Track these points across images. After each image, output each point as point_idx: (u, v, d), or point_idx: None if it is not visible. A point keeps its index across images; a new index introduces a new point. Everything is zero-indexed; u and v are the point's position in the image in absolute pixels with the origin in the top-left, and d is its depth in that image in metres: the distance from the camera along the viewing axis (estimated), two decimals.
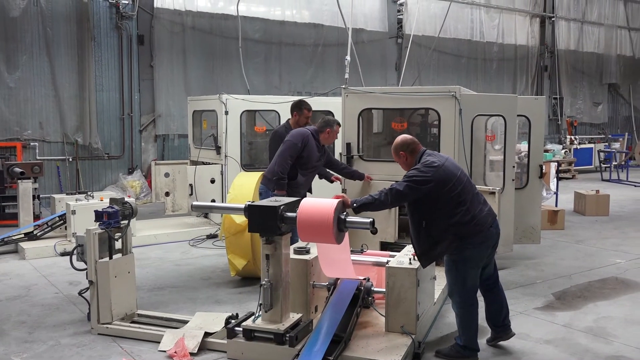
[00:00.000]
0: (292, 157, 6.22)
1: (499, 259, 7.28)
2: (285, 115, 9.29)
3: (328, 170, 6.87)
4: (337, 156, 8.95)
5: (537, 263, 7.64)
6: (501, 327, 4.82)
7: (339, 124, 6.61)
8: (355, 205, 4.31)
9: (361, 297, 4.73)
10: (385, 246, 6.86)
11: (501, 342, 4.86)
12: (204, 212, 9.45)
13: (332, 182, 7.00)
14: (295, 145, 6.23)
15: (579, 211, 11.38)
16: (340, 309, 4.51)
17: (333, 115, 9.65)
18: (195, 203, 4.83)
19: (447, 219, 4.34)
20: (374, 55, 16.20)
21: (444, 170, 4.37)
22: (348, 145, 6.98)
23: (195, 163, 9.76)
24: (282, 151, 6.25)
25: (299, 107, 6.98)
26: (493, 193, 6.46)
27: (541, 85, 20.62)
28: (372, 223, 4.20)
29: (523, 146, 9.18)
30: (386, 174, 6.88)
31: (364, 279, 4.87)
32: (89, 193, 8.60)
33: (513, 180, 7.11)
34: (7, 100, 11.55)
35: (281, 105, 9.42)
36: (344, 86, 7.08)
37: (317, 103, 9.44)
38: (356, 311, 4.64)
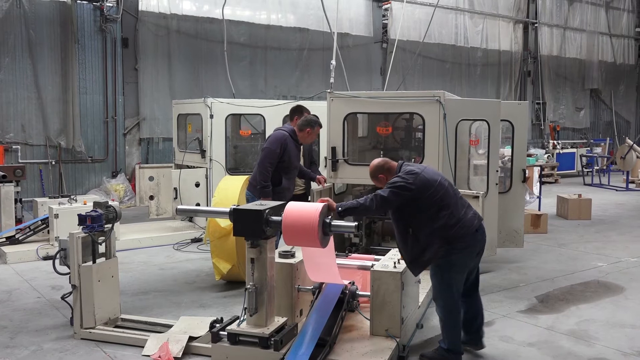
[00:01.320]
0: (272, 164, 6.21)
1: (482, 263, 7.33)
2: (271, 119, 9.31)
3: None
4: (322, 160, 9.00)
5: (521, 266, 7.71)
6: (473, 335, 4.82)
7: (320, 125, 6.60)
8: (340, 209, 4.34)
9: (346, 301, 4.74)
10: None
11: (485, 345, 4.87)
12: (189, 215, 9.41)
13: (317, 183, 6.92)
14: (274, 152, 6.22)
15: (562, 215, 11.49)
16: (325, 313, 4.52)
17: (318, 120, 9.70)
18: (179, 207, 4.81)
19: (432, 223, 4.38)
20: (359, 60, 16.26)
21: (424, 176, 4.44)
22: (333, 149, 6.99)
23: (179, 167, 9.72)
24: (261, 160, 6.23)
25: (300, 111, 7.02)
26: (477, 197, 6.51)
27: (524, 91, 20.82)
28: (357, 227, 4.22)
29: (506, 150, 9.24)
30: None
31: (349, 282, 4.88)
32: (72, 197, 8.53)
33: (496, 184, 7.16)
34: None
35: (266, 109, 9.42)
36: (329, 90, 7.10)
37: None
38: (341, 315, 4.65)
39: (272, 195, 6.17)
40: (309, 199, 7.29)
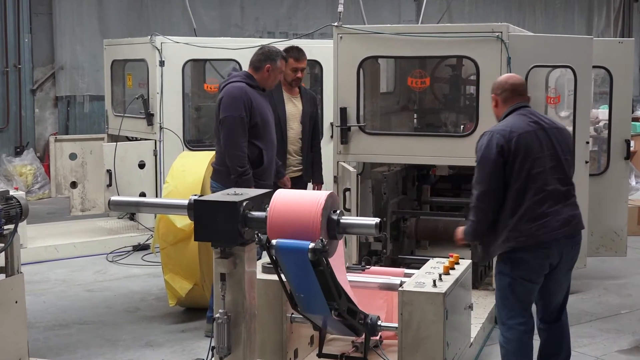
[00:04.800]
0: (245, 135, 6.12)
1: None
2: None
3: None
4: (327, 126, 8.98)
5: (623, 285, 7.72)
6: None
7: (284, 57, 6.48)
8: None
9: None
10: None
11: None
12: (129, 211, 9.41)
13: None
14: (239, 119, 6.05)
15: None
16: None
17: (321, 68, 9.66)
18: (114, 198, 4.79)
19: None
20: None
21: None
22: (343, 112, 6.96)
23: (115, 138, 9.71)
24: (227, 136, 6.05)
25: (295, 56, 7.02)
26: None
27: (629, 23, 20.70)
28: (379, 226, 4.19)
29: (602, 112, 9.20)
30: (398, 154, 6.88)
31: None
32: None
33: (587, 162, 7.13)
34: None
35: (244, 53, 9.35)
36: (336, 24, 7.06)
37: None
38: None
39: (253, 183, 6.15)
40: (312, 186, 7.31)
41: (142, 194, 9.01)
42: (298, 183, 7.11)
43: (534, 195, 4.67)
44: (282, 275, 4.24)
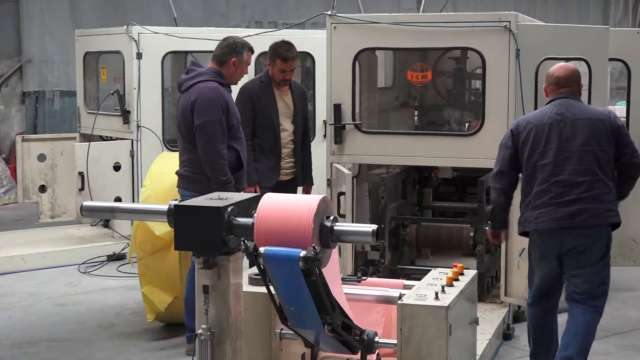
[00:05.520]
0: (224, 141, 6.10)
1: None
2: None
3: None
4: (319, 125, 8.97)
5: None
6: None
7: (250, 48, 6.45)
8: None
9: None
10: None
11: None
12: (103, 217, 9.40)
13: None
14: (218, 124, 5.99)
15: None
16: None
17: (314, 60, 9.66)
18: (87, 203, 4.78)
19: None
20: None
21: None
22: (337, 109, 6.96)
23: (88, 138, 9.69)
24: (208, 143, 5.96)
25: (281, 55, 7.02)
26: None
27: None
28: (377, 233, 4.19)
29: (619, 109, 9.22)
30: (397, 154, 6.88)
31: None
32: None
33: None
34: None
35: None
36: (329, 12, 7.06)
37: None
38: None
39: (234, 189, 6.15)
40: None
41: (118, 199, 9.01)
42: (289, 187, 7.11)
43: (539, 185, 5.33)
44: (271, 287, 4.22)
